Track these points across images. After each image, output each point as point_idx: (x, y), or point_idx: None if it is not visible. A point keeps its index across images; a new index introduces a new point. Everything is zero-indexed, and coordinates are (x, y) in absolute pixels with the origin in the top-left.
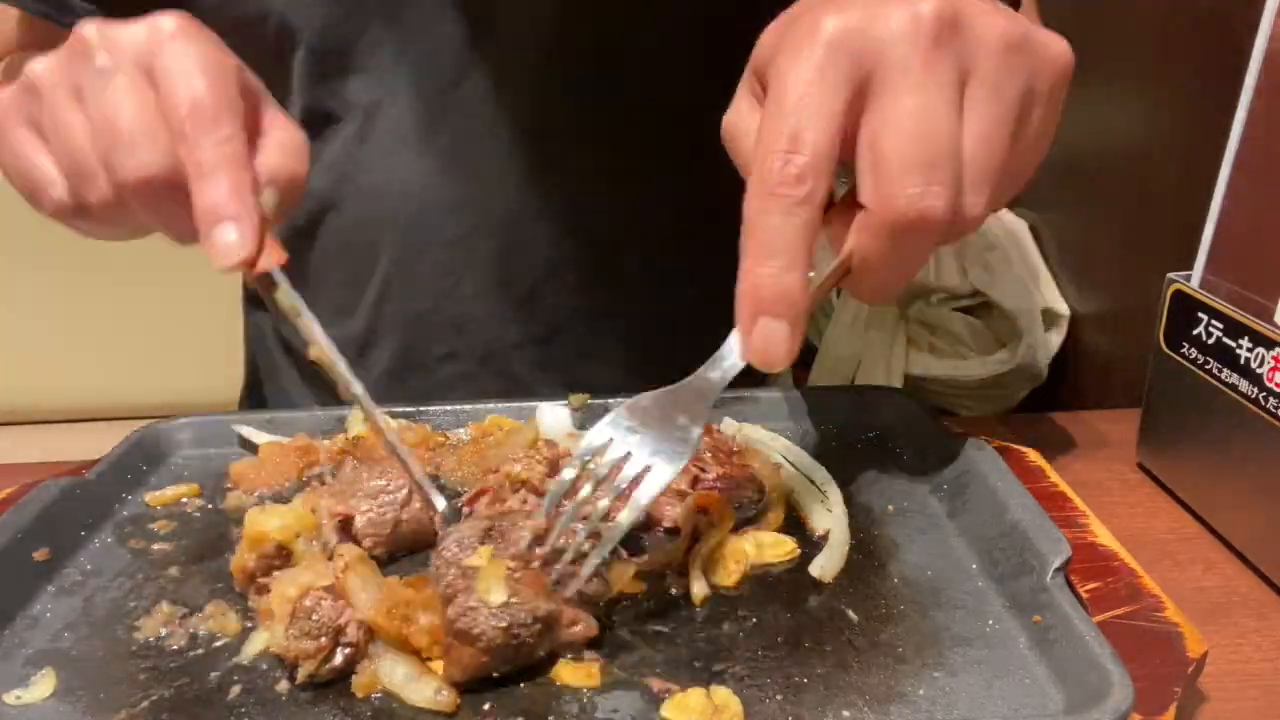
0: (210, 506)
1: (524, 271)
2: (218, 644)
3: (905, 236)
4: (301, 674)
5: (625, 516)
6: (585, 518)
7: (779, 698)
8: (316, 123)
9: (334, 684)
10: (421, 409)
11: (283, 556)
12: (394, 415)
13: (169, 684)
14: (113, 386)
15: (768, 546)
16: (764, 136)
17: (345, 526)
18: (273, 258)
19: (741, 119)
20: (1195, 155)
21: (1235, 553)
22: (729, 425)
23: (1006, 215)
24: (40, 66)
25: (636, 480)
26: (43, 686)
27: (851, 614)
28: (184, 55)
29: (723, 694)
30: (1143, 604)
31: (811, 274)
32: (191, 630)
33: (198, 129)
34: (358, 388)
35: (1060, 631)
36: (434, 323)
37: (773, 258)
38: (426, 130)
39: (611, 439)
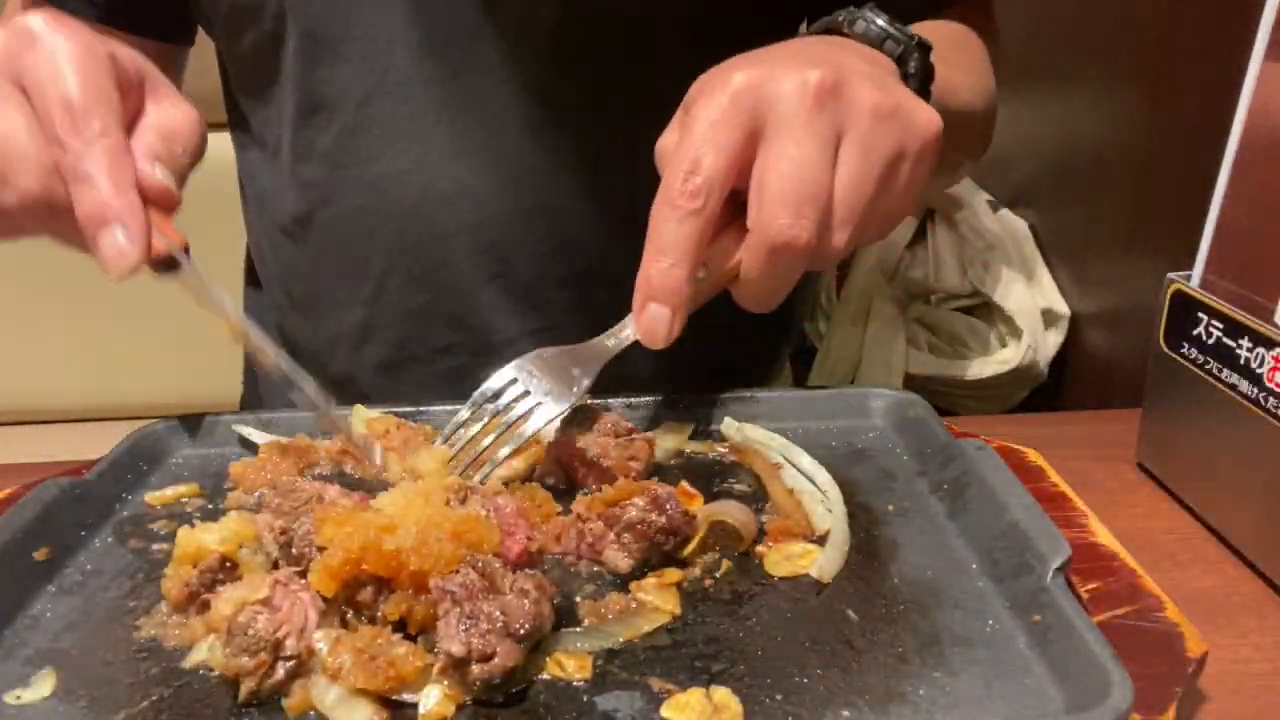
0: (210, 506)
1: (522, 265)
2: None
3: (777, 257)
4: (243, 692)
5: (506, 450)
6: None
7: (779, 698)
8: (311, 112)
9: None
10: (422, 409)
11: (226, 570)
12: (395, 415)
13: (169, 684)
14: (113, 386)
15: (798, 557)
16: (673, 158)
17: (287, 541)
18: (171, 239)
19: (667, 143)
20: (1195, 155)
21: (1235, 553)
22: (729, 426)
23: (1007, 215)
24: None
25: (527, 415)
26: (43, 686)
27: (851, 614)
28: (49, 58)
29: (722, 694)
30: (1143, 604)
31: (701, 274)
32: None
33: (68, 131)
34: (285, 361)
35: (1060, 631)
36: (431, 316)
37: (664, 255)
38: (423, 122)
39: (515, 379)
